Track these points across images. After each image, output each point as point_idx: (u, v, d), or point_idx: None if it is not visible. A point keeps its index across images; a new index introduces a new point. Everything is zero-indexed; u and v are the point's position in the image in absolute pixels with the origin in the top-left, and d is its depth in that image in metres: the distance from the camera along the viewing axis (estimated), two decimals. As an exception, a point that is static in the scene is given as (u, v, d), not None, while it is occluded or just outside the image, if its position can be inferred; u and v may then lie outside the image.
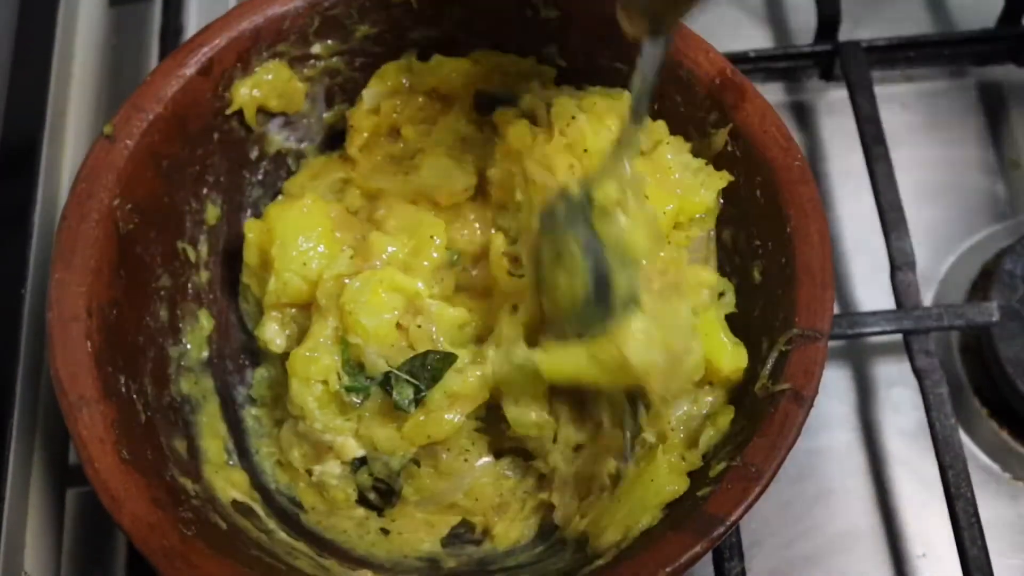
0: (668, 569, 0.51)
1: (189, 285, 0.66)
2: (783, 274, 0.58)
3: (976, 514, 0.65)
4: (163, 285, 0.63)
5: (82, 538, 0.69)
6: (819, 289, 0.57)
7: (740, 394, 0.59)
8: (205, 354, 0.66)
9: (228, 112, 0.65)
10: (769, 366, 0.57)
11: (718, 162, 0.63)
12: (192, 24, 0.83)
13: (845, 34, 0.83)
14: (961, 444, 0.67)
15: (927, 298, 0.77)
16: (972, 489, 0.66)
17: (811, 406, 0.55)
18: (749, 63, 0.82)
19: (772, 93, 0.86)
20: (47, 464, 0.67)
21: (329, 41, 0.66)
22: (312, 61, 0.66)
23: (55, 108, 0.76)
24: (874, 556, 0.70)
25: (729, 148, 0.62)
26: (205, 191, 0.66)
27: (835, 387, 0.76)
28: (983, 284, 0.76)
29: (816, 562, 0.70)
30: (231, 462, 0.65)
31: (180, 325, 0.65)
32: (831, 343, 0.75)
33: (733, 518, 0.52)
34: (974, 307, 0.72)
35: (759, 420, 0.55)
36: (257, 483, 0.65)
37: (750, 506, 0.52)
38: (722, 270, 0.64)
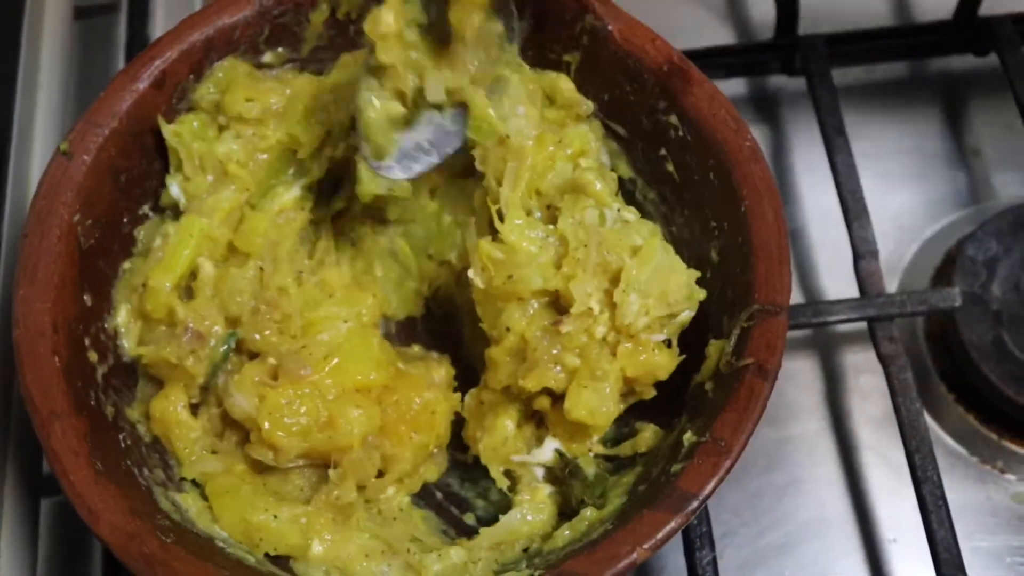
0: (646, 546, 0.52)
1: None
2: (740, 252, 0.58)
3: (943, 497, 0.66)
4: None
5: (58, 547, 0.70)
6: (776, 264, 0.57)
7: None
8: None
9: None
10: (732, 343, 0.57)
11: (670, 148, 0.63)
12: (157, 36, 0.83)
13: (805, 28, 0.83)
14: (927, 428, 0.68)
15: (892, 286, 0.78)
16: (939, 472, 0.66)
17: (775, 379, 0.55)
18: (710, 59, 0.83)
19: (734, 88, 0.86)
20: (21, 474, 0.67)
21: (280, 49, 0.66)
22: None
23: (21, 121, 0.76)
24: (845, 543, 0.71)
25: (680, 133, 0.62)
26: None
27: (802, 376, 0.76)
28: (946, 271, 0.77)
29: (787, 550, 0.71)
30: None
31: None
32: (797, 333, 0.76)
33: (706, 492, 0.53)
34: (937, 293, 0.72)
35: (725, 396, 0.55)
36: None
37: (721, 480, 0.53)
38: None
